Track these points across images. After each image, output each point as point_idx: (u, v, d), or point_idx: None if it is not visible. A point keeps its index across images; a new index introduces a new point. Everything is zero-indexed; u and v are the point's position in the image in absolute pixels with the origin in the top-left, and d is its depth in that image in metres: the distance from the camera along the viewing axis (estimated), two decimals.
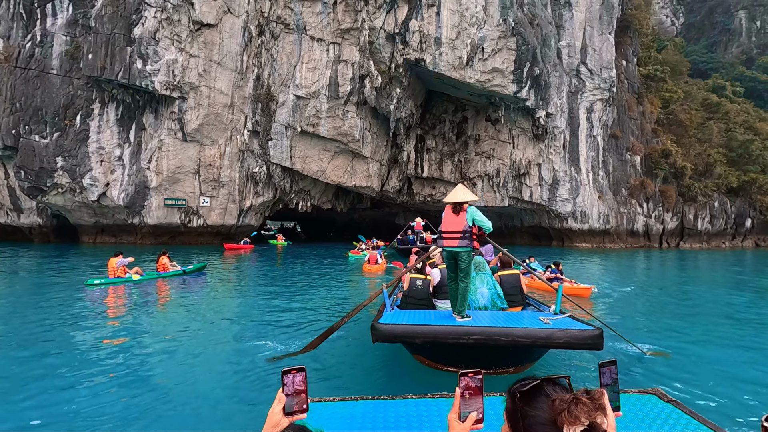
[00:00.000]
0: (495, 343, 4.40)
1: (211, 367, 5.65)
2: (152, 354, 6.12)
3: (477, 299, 5.95)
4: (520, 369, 5.10)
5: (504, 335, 4.36)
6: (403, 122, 32.05)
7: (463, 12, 27.30)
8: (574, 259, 24.52)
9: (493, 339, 4.38)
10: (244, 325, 7.86)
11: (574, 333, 4.38)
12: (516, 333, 4.35)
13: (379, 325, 4.62)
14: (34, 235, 32.21)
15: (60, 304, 9.55)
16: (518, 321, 4.95)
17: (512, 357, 4.97)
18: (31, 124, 27.37)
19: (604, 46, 31.88)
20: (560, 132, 31.90)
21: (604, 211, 33.86)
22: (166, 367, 5.61)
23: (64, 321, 7.96)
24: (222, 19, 26.48)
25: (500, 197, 33.96)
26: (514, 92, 28.40)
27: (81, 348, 6.32)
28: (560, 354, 5.90)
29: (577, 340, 4.37)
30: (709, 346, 6.92)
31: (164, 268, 13.83)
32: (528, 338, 4.35)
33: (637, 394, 3.20)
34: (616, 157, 35.33)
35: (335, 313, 8.87)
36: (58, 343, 6.51)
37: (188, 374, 5.37)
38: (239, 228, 31.62)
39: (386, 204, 41.12)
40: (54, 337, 6.85)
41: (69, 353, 6.05)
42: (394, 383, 5.16)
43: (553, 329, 4.46)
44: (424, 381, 4.87)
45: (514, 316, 5.43)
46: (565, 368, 5.60)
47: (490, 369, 4.77)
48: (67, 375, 5.19)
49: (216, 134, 28.20)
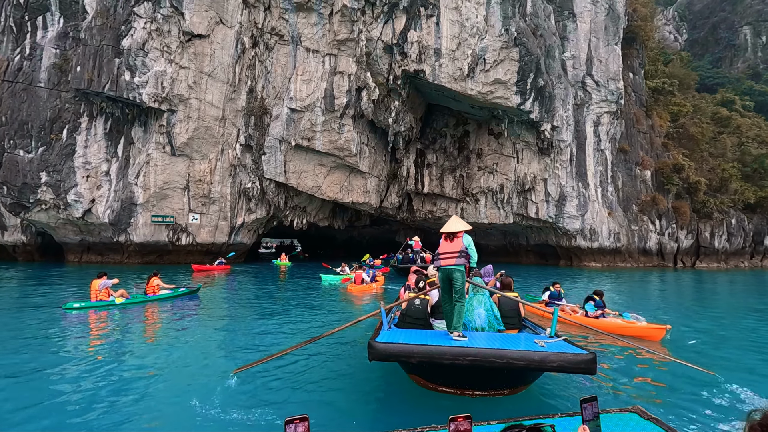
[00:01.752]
0: (490, 365, 4.43)
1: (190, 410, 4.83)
2: (124, 391, 5.35)
3: (474, 320, 5.99)
4: (514, 391, 5.07)
5: (499, 357, 4.39)
6: (402, 136, 30.90)
7: (463, 22, 26.40)
8: (584, 280, 22.77)
9: (488, 360, 4.41)
10: (233, 356, 7.00)
11: (568, 357, 4.40)
12: (511, 355, 4.40)
13: (376, 343, 4.64)
14: (18, 254, 30.94)
15: (31, 330, 8.63)
16: (514, 343, 4.93)
17: (507, 379, 4.95)
18: (16, 138, 26.40)
19: (611, 57, 30.79)
20: (566, 146, 30.55)
21: (614, 229, 32.17)
22: (142, 407, 4.92)
23: (31, 349, 7.16)
24: (214, 30, 25.68)
25: (504, 214, 32.42)
26: (517, 104, 27.22)
27: (44, 381, 5.66)
28: (556, 377, 5.80)
29: (571, 363, 4.40)
30: None
31: (153, 290, 12.67)
32: (522, 361, 4.41)
33: (619, 414, 3.26)
34: (625, 172, 33.82)
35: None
36: (20, 378, 5.79)
37: (168, 418, 4.70)
38: (231, 246, 30.19)
39: (386, 221, 39.70)
40: (17, 370, 6.08)
41: (31, 387, 5.46)
42: (390, 405, 5.10)
43: (548, 352, 4.48)
44: (419, 403, 4.91)
45: (510, 338, 5.39)
46: (561, 390, 5.49)
47: (484, 390, 4.93)
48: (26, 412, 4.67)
49: (206, 148, 27.09)
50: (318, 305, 13.08)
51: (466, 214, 33.50)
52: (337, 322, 9.82)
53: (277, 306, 12.77)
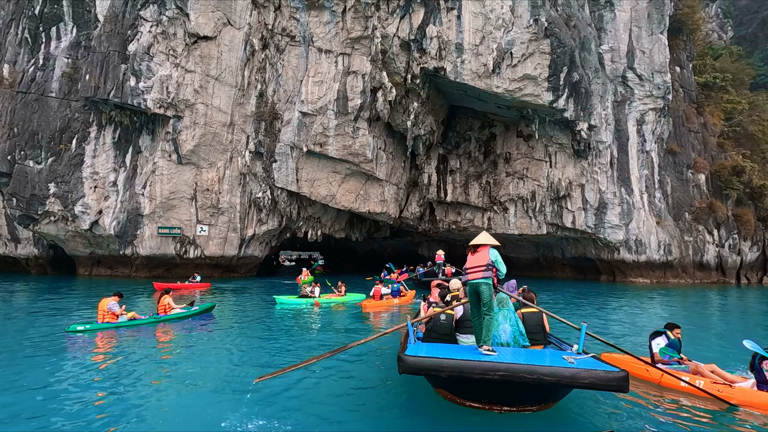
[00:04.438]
0: (520, 380, 4.39)
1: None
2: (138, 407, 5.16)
3: (499, 335, 5.94)
4: (543, 407, 4.97)
5: (529, 372, 4.35)
6: (423, 140, 28.64)
7: (487, 14, 24.11)
8: (632, 299, 19.49)
9: (519, 376, 4.38)
10: (250, 372, 6.65)
11: (599, 374, 4.34)
12: (541, 371, 4.35)
13: (406, 356, 4.67)
14: (30, 267, 30.53)
15: (27, 355, 7.91)
16: (543, 359, 4.87)
17: (536, 395, 4.86)
18: (27, 149, 25.99)
19: (656, 48, 27.58)
20: (606, 147, 27.38)
21: (664, 240, 28.44)
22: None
23: (25, 377, 6.51)
24: (221, 31, 24.50)
25: (537, 224, 29.37)
26: (549, 102, 24.49)
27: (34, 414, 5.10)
28: (582, 393, 5.49)
29: (603, 381, 4.32)
30: None
31: (165, 310, 11.80)
32: (553, 377, 4.34)
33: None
34: (675, 176, 30.12)
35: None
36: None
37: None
38: (241, 259, 28.60)
39: (407, 233, 37.29)
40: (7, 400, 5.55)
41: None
42: (415, 419, 5.06)
43: (579, 369, 4.42)
44: (445, 418, 4.89)
45: (539, 353, 5.34)
46: (586, 406, 5.34)
47: (513, 406, 4.88)
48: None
49: (214, 156, 25.73)
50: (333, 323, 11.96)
51: (493, 225, 30.65)
52: (355, 336, 9.52)
53: (291, 324, 11.71)
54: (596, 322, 12.62)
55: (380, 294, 15.46)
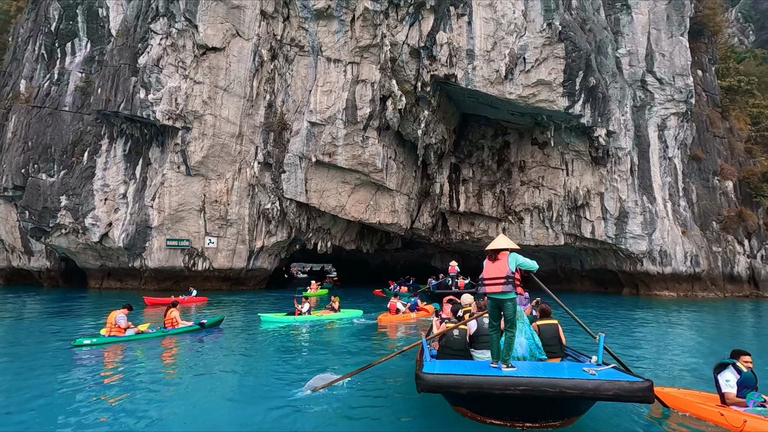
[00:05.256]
0: (542, 395, 4.27)
1: None
2: None
3: (515, 349, 5.65)
4: (566, 423, 4.80)
5: (551, 386, 4.23)
6: (434, 149, 27.96)
7: (498, 19, 23.54)
8: (659, 314, 18.22)
9: (541, 390, 4.26)
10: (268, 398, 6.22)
11: (624, 385, 4.19)
12: (563, 384, 4.24)
13: (424, 374, 4.56)
14: (43, 280, 30.65)
15: (32, 369, 7.75)
16: (563, 372, 4.77)
17: (559, 409, 4.69)
18: (40, 162, 26.24)
19: (676, 50, 26.52)
20: (626, 154, 26.25)
21: (691, 251, 26.94)
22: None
23: (28, 393, 6.35)
24: (230, 42, 24.48)
25: (554, 234, 28.22)
26: (565, 108, 23.63)
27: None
28: (605, 406, 5.37)
29: (627, 392, 4.16)
30: None
31: (172, 323, 11.66)
32: (576, 390, 4.23)
33: None
34: (701, 183, 28.69)
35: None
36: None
37: None
38: (250, 272, 28.16)
39: (420, 244, 36.43)
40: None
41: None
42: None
43: (601, 381, 4.28)
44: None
45: (558, 366, 5.25)
46: (612, 421, 5.21)
47: (535, 422, 4.74)
48: None
49: (223, 167, 25.52)
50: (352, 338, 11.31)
51: (508, 235, 29.57)
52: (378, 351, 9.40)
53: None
54: (625, 341, 11.54)
55: (396, 308, 15.12)
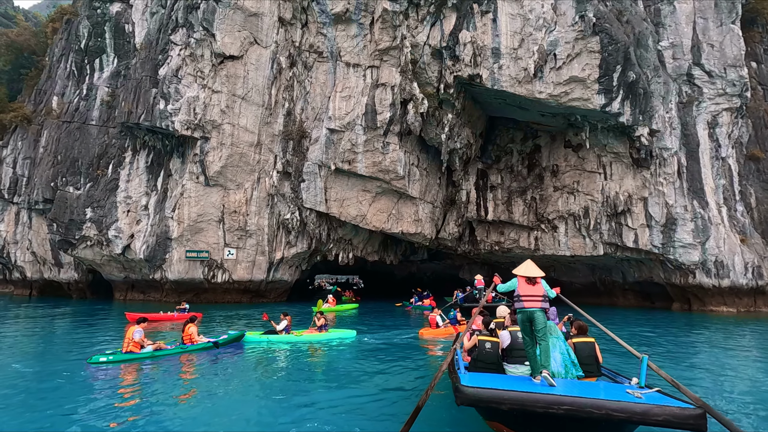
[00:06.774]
0: (588, 416, 4.11)
1: None
2: None
3: (550, 364, 5.55)
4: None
5: (597, 408, 4.08)
6: (459, 155, 26.56)
7: (525, 15, 22.13)
8: (715, 331, 15.88)
9: (586, 411, 4.10)
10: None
11: (674, 411, 4.01)
12: (610, 406, 4.09)
13: (464, 387, 4.48)
14: (71, 291, 31.13)
15: (46, 387, 7.54)
16: (604, 393, 4.67)
17: (600, 431, 4.45)
18: (68, 175, 26.75)
19: (727, 39, 24.10)
20: (672, 155, 23.91)
21: (751, 261, 24.06)
22: None
23: (40, 412, 6.18)
24: (247, 50, 24.21)
25: (591, 243, 25.99)
26: (601, 106, 21.77)
27: None
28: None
29: (678, 419, 3.97)
30: None
31: (190, 339, 11.18)
32: (624, 413, 4.06)
33: None
34: (760, 186, 25.78)
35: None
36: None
37: None
38: (270, 284, 27.44)
39: (447, 255, 34.78)
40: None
41: None
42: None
43: (650, 405, 4.11)
44: None
45: (597, 386, 5.16)
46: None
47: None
48: None
49: (241, 177, 25.09)
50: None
51: (542, 245, 27.56)
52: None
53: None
54: (675, 363, 9.67)
55: (435, 322, 14.82)
